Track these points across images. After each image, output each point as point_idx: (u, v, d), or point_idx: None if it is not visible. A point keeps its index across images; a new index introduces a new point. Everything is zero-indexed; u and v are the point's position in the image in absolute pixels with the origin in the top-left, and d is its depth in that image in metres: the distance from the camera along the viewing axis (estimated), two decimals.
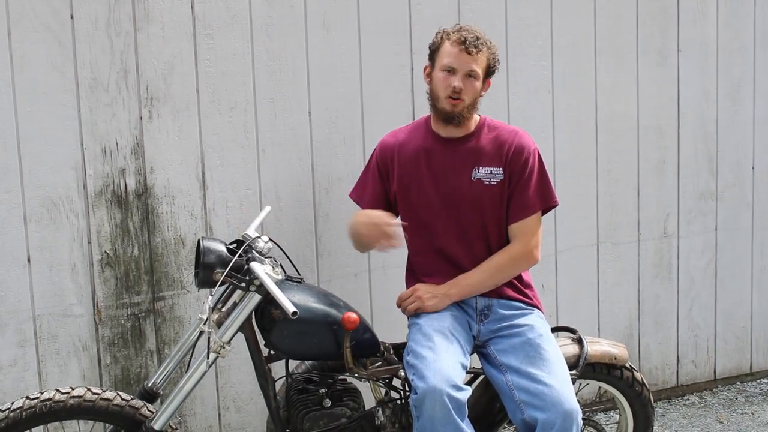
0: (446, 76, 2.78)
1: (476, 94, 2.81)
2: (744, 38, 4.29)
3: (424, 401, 2.52)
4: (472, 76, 2.78)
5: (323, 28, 3.43)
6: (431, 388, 2.51)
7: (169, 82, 3.21)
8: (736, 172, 4.36)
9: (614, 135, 4.04)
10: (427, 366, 2.57)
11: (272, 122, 3.38)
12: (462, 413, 2.54)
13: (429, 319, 2.77)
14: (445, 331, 2.71)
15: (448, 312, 2.81)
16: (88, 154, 3.13)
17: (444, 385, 2.51)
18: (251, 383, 3.35)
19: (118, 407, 2.55)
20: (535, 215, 2.85)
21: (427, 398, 2.51)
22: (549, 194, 2.90)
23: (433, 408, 2.51)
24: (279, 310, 2.56)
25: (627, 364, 3.01)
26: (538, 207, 2.86)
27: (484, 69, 2.81)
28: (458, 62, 2.76)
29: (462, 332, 2.78)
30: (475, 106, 2.84)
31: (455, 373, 2.57)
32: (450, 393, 2.50)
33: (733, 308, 4.46)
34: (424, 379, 2.54)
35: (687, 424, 4.06)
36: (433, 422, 2.52)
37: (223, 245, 2.60)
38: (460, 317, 2.82)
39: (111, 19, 3.12)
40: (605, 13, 3.96)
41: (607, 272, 4.10)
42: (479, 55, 2.77)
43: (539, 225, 2.88)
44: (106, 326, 3.21)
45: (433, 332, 2.70)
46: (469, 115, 2.83)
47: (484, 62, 2.80)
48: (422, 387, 2.53)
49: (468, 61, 2.76)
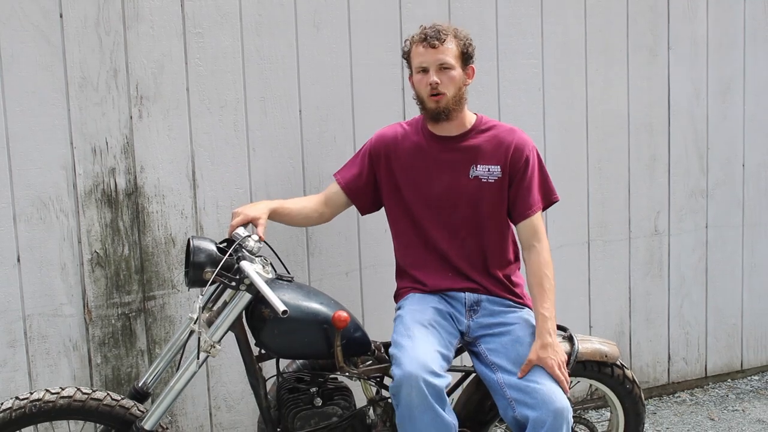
0: (422, 77, 2.79)
1: (457, 85, 2.79)
2: (734, 35, 4.30)
3: (401, 388, 2.52)
4: (445, 67, 2.77)
5: (313, 26, 3.43)
6: (407, 374, 2.51)
7: (159, 81, 3.20)
8: (727, 170, 4.37)
9: (605, 133, 4.05)
10: (404, 353, 2.57)
11: (262, 121, 3.37)
12: (441, 400, 2.54)
13: (411, 312, 2.78)
14: (425, 323, 2.72)
15: (430, 305, 2.81)
16: (78, 154, 3.12)
17: (420, 370, 2.50)
18: (242, 382, 3.34)
19: (108, 407, 2.55)
20: (539, 212, 2.88)
21: (404, 385, 2.51)
22: (550, 190, 2.93)
23: (409, 395, 2.51)
24: (269, 309, 2.56)
25: (618, 362, 3.01)
26: (541, 204, 2.89)
27: (456, 57, 2.79)
28: (426, 59, 2.77)
29: (445, 324, 2.78)
30: (462, 97, 2.83)
31: (432, 360, 2.56)
32: (426, 378, 2.50)
33: (724, 305, 4.47)
34: (400, 366, 2.54)
35: (678, 422, 4.07)
36: (410, 409, 2.52)
37: (213, 244, 2.60)
38: (444, 311, 2.82)
39: (100, 17, 3.11)
40: (596, 11, 3.96)
41: (598, 270, 4.11)
42: (445, 45, 2.76)
43: (542, 220, 2.90)
44: (97, 326, 3.21)
45: (412, 323, 2.71)
46: (458, 107, 2.82)
47: (454, 50, 2.78)
48: (398, 374, 2.53)
49: (435, 54, 2.75)
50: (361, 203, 2.99)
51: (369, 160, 2.94)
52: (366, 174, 2.94)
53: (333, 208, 2.99)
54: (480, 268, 2.87)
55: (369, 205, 3.01)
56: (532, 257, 2.84)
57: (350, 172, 2.98)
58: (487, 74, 3.72)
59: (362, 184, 2.95)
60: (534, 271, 2.82)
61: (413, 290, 2.90)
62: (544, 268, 2.81)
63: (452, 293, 2.86)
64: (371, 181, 2.95)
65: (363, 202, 2.99)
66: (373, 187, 2.96)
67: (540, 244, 2.84)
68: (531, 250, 2.85)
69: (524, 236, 2.87)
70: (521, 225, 2.86)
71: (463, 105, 2.85)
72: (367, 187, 2.95)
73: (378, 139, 2.96)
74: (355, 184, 2.95)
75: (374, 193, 2.97)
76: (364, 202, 2.99)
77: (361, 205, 3.00)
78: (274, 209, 2.82)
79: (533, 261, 2.83)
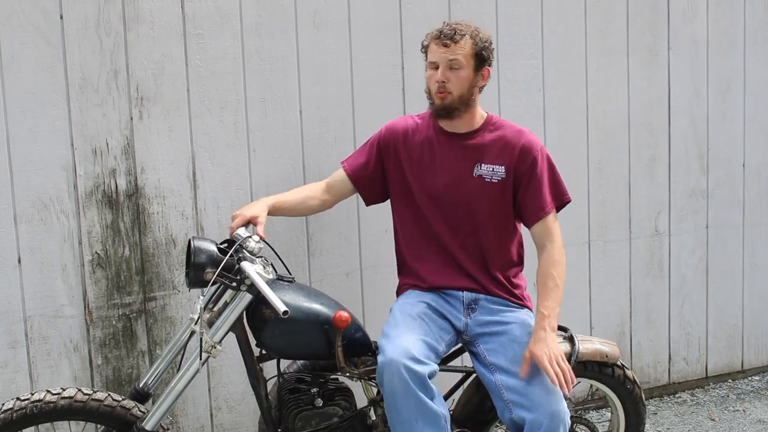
0: (432, 73, 2.79)
1: (465, 85, 2.77)
2: (734, 35, 4.30)
3: (383, 375, 2.54)
4: (454, 67, 2.76)
5: (313, 27, 3.43)
6: (388, 360, 2.52)
7: (160, 82, 3.20)
8: (727, 170, 4.37)
9: (605, 133, 4.05)
10: (389, 341, 2.60)
11: (263, 122, 3.37)
12: (426, 388, 2.53)
13: (402, 305, 2.81)
14: (414, 315, 2.74)
15: (424, 301, 2.81)
16: (79, 155, 3.12)
17: (401, 357, 2.51)
18: (243, 383, 3.34)
19: (109, 408, 2.55)
20: (552, 213, 2.87)
21: (386, 371, 2.53)
22: (562, 192, 2.92)
23: (391, 381, 2.52)
24: (270, 310, 2.56)
25: (618, 362, 3.01)
26: (554, 205, 2.88)
27: (469, 57, 2.77)
28: (438, 56, 2.77)
29: (436, 318, 2.79)
30: (471, 98, 2.81)
31: (414, 346, 2.56)
32: (407, 365, 2.50)
33: (725, 306, 4.47)
34: (383, 353, 2.56)
35: (679, 422, 4.07)
36: (393, 396, 2.53)
37: (213, 245, 2.60)
38: (438, 308, 2.82)
39: (101, 19, 3.11)
40: (595, 11, 3.97)
41: (598, 270, 4.11)
42: (458, 45, 2.74)
43: (556, 221, 2.88)
44: (98, 327, 3.21)
45: (401, 315, 2.74)
46: (463, 107, 2.81)
47: (467, 50, 2.76)
48: (381, 361, 2.55)
49: (446, 52, 2.75)
50: (366, 192, 2.99)
51: (377, 150, 2.94)
52: (373, 163, 2.94)
53: (336, 196, 2.99)
54: (479, 266, 2.87)
55: (374, 196, 3.01)
56: (542, 256, 2.84)
57: (358, 161, 2.97)
58: None
59: (369, 173, 2.94)
60: (540, 269, 2.82)
61: (412, 287, 2.91)
62: (550, 268, 2.80)
63: (450, 291, 2.86)
64: (378, 170, 2.94)
65: (368, 192, 2.99)
66: (380, 177, 2.96)
67: (552, 245, 2.83)
68: (542, 250, 2.85)
69: (538, 238, 2.87)
70: (534, 227, 2.86)
71: (470, 105, 2.83)
72: (373, 176, 2.95)
73: (388, 130, 2.95)
74: (362, 173, 2.95)
75: (380, 184, 2.97)
76: (369, 192, 2.99)
77: (365, 194, 3.00)
78: (272, 205, 2.82)
79: (542, 260, 2.84)
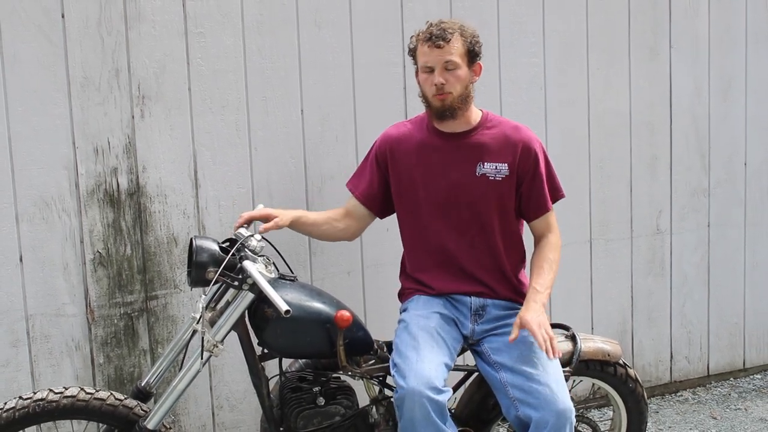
0: (427, 76, 2.77)
1: (463, 83, 2.77)
2: (736, 33, 4.29)
3: (404, 402, 2.53)
4: (450, 68, 2.74)
5: (315, 25, 3.42)
6: (410, 390, 2.51)
7: (161, 81, 3.20)
8: (728, 169, 4.37)
9: (606, 131, 4.04)
10: (410, 367, 2.57)
11: (264, 120, 3.37)
12: (443, 415, 2.54)
13: (416, 318, 2.76)
14: (432, 331, 2.71)
15: (436, 311, 2.79)
16: (80, 154, 3.12)
17: (424, 387, 2.50)
18: (245, 382, 3.34)
19: (111, 407, 2.55)
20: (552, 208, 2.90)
21: (407, 400, 2.52)
22: (556, 187, 2.94)
23: (412, 410, 2.51)
24: (272, 309, 2.56)
25: (620, 361, 3.01)
26: (552, 201, 2.90)
27: (462, 55, 2.75)
28: (432, 59, 2.74)
29: (450, 331, 2.77)
30: (469, 96, 2.81)
31: (436, 375, 2.56)
32: (429, 395, 2.50)
33: (726, 304, 4.47)
34: (405, 380, 2.54)
35: (680, 420, 4.07)
36: (413, 423, 2.53)
37: (215, 244, 2.60)
38: (449, 316, 2.81)
39: (102, 17, 3.11)
40: (597, 9, 3.96)
41: (600, 269, 4.11)
42: (450, 44, 2.73)
43: (554, 214, 2.92)
44: (99, 326, 3.21)
45: (419, 331, 2.69)
46: (464, 105, 2.80)
47: (460, 49, 2.75)
48: (402, 388, 2.54)
49: (440, 54, 2.73)
50: (378, 209, 2.98)
51: (377, 165, 2.93)
52: (377, 180, 2.93)
53: (358, 221, 2.98)
54: (488, 267, 2.86)
55: (386, 209, 3.00)
56: (541, 243, 2.87)
57: (362, 182, 2.97)
58: (488, 73, 3.69)
59: (376, 191, 2.94)
60: (539, 253, 2.85)
61: (418, 292, 2.89)
62: (549, 252, 2.83)
63: (458, 296, 2.85)
64: (383, 184, 2.94)
65: (380, 208, 2.98)
66: (386, 190, 2.95)
67: (552, 234, 2.88)
68: (542, 239, 2.88)
69: (538, 230, 2.90)
70: (535, 222, 2.88)
71: (469, 103, 2.82)
72: (380, 192, 2.94)
73: (383, 140, 2.95)
74: (369, 192, 2.94)
75: (388, 196, 2.96)
76: (381, 208, 2.98)
77: (378, 211, 2.99)
78: (297, 217, 2.84)
79: (541, 245, 2.87)
